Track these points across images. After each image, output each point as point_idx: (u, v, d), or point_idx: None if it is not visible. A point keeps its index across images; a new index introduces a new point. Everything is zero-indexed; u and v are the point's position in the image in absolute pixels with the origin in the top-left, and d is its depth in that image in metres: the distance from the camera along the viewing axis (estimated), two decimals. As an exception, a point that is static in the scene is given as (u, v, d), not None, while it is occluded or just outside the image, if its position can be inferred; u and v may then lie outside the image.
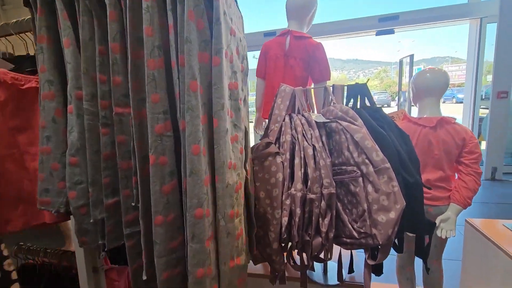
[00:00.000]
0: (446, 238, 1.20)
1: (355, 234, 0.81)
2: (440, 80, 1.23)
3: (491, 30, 4.08)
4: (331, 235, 0.87)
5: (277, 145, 0.94)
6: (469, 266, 1.55)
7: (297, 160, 0.86)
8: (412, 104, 1.38)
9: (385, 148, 0.83)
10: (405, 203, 0.72)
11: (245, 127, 0.75)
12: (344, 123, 0.86)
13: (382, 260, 0.79)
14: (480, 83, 4.29)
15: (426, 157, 1.24)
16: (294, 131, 0.92)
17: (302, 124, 0.93)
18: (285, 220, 0.84)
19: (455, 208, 1.21)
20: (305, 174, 0.85)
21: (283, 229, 0.84)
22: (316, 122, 0.92)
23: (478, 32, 4.22)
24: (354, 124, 0.84)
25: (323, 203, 0.83)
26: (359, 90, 1.02)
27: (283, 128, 0.93)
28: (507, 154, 4.10)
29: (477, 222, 1.55)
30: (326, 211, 0.85)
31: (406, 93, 4.49)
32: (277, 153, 0.90)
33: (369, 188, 0.77)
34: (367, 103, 1.02)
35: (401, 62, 4.04)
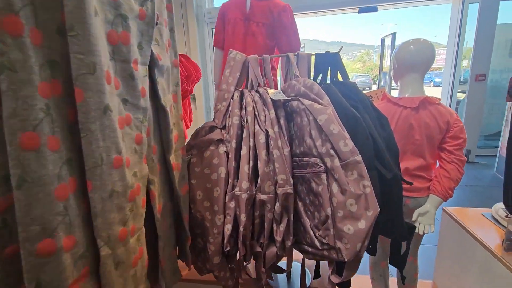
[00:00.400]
0: (424, 233, 1.06)
1: (317, 243, 0.64)
2: (426, 53, 1.05)
3: (473, 11, 3.97)
4: (289, 243, 0.69)
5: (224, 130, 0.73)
6: (445, 255, 1.46)
7: (244, 150, 0.66)
8: (393, 83, 1.20)
9: (357, 135, 0.65)
10: (379, 210, 0.55)
11: (162, 105, 0.53)
12: (307, 102, 0.66)
13: (349, 278, 0.62)
14: (459, 66, 4.24)
15: (405, 143, 1.08)
16: (244, 111, 0.71)
17: (254, 102, 0.72)
18: (228, 228, 0.65)
19: (435, 200, 1.07)
20: (255, 169, 0.66)
21: (226, 239, 0.65)
22: (272, 100, 0.71)
23: (460, 13, 4.11)
24: (318, 102, 0.65)
25: (277, 206, 0.65)
26: (330, 61, 0.81)
27: (230, 108, 0.72)
28: (480, 137, 4.14)
29: (454, 211, 1.45)
30: (281, 215, 0.67)
31: (387, 76, 4.38)
32: (221, 141, 0.69)
33: (334, 187, 0.59)
34: (340, 78, 0.82)
35: (383, 41, 3.88)
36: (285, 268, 0.90)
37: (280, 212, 0.66)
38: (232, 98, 0.73)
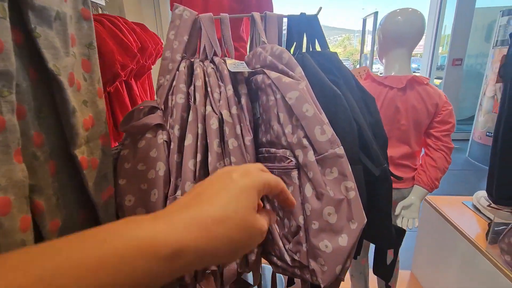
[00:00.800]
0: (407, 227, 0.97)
1: (287, 258, 0.49)
2: (415, 24, 0.91)
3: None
4: (253, 257, 0.55)
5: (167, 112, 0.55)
6: (424, 245, 1.41)
7: (189, 140, 0.49)
8: (376, 60, 1.06)
9: (338, 120, 0.50)
10: (365, 221, 0.41)
11: (51, 71, 0.35)
12: (274, 75, 0.49)
13: None
14: (437, 52, 4.24)
15: (391, 129, 0.96)
16: (192, 87, 0.54)
17: (207, 75, 0.55)
18: None
19: (420, 192, 0.97)
20: (205, 164, 0.50)
21: None
22: (230, 73, 0.54)
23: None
24: (288, 75, 0.49)
25: None
26: (306, 26, 0.65)
27: (174, 83, 0.55)
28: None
29: (434, 199, 1.39)
30: None
31: (368, 61, 4.28)
32: (160, 126, 0.52)
33: (308, 190, 0.44)
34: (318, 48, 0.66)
35: (364, 21, 3.74)
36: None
37: None
38: (177, 69, 0.55)
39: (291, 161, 0.46)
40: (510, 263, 0.90)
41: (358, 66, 5.43)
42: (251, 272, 0.58)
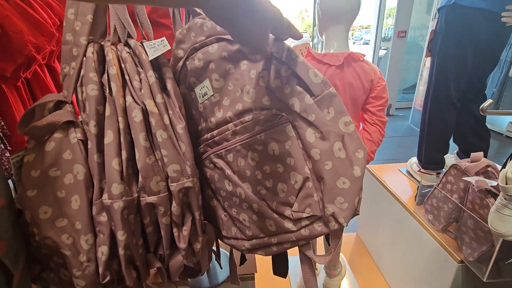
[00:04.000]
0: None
1: (288, 225, 0.49)
2: (350, 0, 0.92)
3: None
4: (198, 246, 0.54)
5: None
6: (366, 210, 1.55)
7: (109, 137, 0.45)
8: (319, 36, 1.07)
9: None
10: (366, 149, 0.45)
11: None
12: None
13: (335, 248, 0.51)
14: (381, 25, 4.41)
15: (330, 106, 0.99)
16: (106, 76, 0.48)
17: (122, 61, 0.50)
18: (103, 251, 0.46)
19: (358, 164, 1.04)
20: (132, 162, 0.46)
21: (102, 268, 0.46)
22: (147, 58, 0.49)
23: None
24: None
25: (174, 207, 0.48)
26: None
27: (82, 72, 0.48)
28: (398, 91, 4.53)
29: (374, 168, 1.51)
30: (183, 216, 0.51)
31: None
32: (72, 124, 0.47)
33: (310, 135, 0.45)
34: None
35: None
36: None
37: (179, 213, 0.49)
38: (84, 55, 0.49)
39: (283, 115, 0.46)
40: (432, 221, 1.03)
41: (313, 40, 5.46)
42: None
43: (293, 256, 0.67)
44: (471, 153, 0.90)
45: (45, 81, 0.97)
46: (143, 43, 0.52)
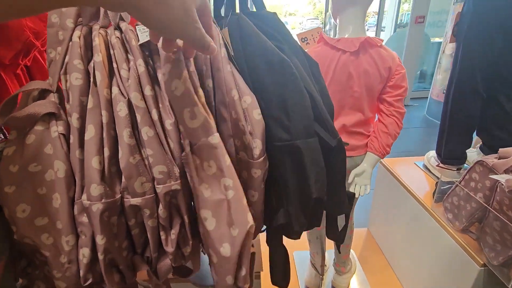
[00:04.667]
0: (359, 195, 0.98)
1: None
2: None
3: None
4: (188, 249, 0.50)
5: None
6: (379, 205, 1.48)
7: (90, 132, 0.40)
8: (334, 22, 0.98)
9: (288, 91, 0.44)
10: (250, 225, 0.38)
11: None
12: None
13: None
14: (399, 10, 4.20)
15: (343, 96, 0.92)
16: (92, 63, 0.43)
17: (111, 47, 0.44)
18: (84, 253, 0.42)
19: (372, 159, 0.97)
20: (115, 160, 0.42)
21: (83, 271, 0.43)
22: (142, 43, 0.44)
23: None
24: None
25: (161, 210, 0.44)
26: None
27: (67, 58, 0.44)
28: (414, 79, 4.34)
29: (388, 161, 1.43)
30: (170, 219, 0.46)
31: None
32: (53, 116, 0.42)
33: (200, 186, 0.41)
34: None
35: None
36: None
37: (167, 216, 0.45)
38: (71, 39, 0.44)
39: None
40: (452, 220, 0.95)
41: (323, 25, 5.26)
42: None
43: (300, 250, 0.63)
44: (499, 149, 0.82)
45: (44, 67, 0.94)
46: (137, 26, 0.46)
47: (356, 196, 0.95)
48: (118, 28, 0.47)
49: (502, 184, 0.72)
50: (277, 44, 0.50)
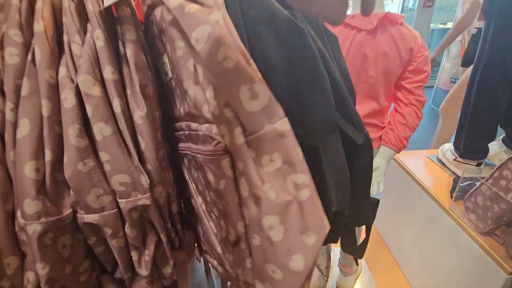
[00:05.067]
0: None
1: (228, 269, 0.36)
2: None
3: None
4: (169, 270, 0.40)
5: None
6: (388, 201, 1.39)
7: (23, 129, 0.29)
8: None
9: (304, 70, 0.32)
10: (328, 228, 0.27)
11: None
12: (174, 2, 0.29)
13: None
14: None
15: (357, 82, 0.80)
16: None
17: (62, 12, 0.33)
18: (29, 279, 0.32)
19: (387, 153, 0.87)
20: (60, 167, 0.31)
21: None
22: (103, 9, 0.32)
23: None
24: (197, 2, 0.28)
25: (127, 228, 0.33)
26: None
27: (3, 28, 0.32)
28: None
29: (399, 155, 1.33)
30: (143, 237, 0.36)
31: None
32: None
33: (244, 188, 0.29)
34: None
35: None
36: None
37: (136, 235, 0.34)
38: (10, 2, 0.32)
39: (219, 142, 0.29)
40: (475, 222, 0.86)
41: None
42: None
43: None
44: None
45: None
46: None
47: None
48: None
49: (544, 186, 0.62)
50: (289, 11, 0.38)
